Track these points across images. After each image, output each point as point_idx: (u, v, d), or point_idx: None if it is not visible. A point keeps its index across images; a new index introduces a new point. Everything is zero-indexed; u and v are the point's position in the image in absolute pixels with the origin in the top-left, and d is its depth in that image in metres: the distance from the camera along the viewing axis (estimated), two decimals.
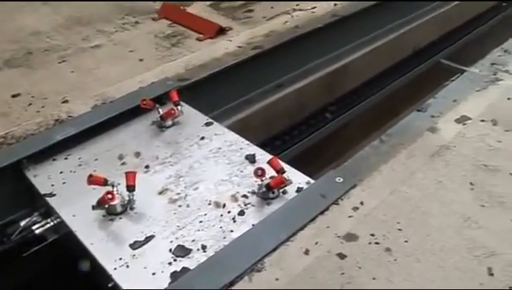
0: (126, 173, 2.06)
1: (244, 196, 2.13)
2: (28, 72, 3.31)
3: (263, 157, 2.31)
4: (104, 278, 1.85)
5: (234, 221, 2.02)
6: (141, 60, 3.36)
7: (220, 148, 2.45)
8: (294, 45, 3.54)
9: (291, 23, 3.71)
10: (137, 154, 2.46)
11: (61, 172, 2.37)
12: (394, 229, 1.89)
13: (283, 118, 3.60)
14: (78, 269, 2.08)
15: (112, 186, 2.06)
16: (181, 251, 1.89)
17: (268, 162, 2.09)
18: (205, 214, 2.06)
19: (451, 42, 5.15)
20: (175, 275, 1.79)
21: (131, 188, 2.05)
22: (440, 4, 4.79)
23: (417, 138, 2.36)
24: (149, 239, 1.96)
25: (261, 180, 2.07)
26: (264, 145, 3.01)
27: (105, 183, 2.06)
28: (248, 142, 2.48)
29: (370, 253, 1.80)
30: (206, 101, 2.95)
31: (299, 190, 2.11)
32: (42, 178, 2.35)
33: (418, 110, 2.57)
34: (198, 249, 1.90)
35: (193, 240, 1.94)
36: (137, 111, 2.67)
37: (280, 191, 2.10)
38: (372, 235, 1.86)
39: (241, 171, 2.29)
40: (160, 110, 2.61)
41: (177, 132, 2.60)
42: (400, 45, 4.42)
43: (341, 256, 1.79)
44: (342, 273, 1.73)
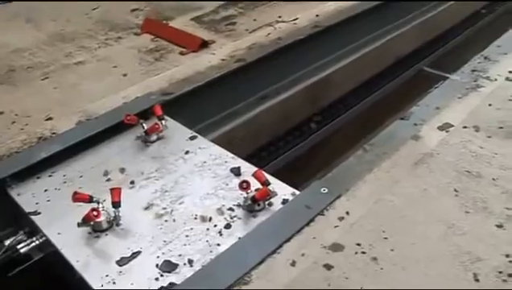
0: (111, 189, 2.06)
1: (230, 209, 2.13)
2: (11, 90, 3.30)
3: (249, 170, 2.31)
4: None
5: (221, 234, 2.01)
6: (124, 75, 3.36)
7: (205, 162, 2.45)
8: (277, 57, 3.56)
9: (274, 35, 3.73)
10: (122, 170, 2.45)
11: (46, 190, 2.36)
12: (380, 237, 1.89)
13: (268, 130, 3.60)
14: (65, 287, 2.06)
15: (97, 203, 2.05)
16: (168, 266, 1.88)
17: (253, 174, 2.10)
18: (191, 228, 2.05)
19: (433, 49, 5.20)
20: None
21: (116, 205, 2.04)
22: (422, 12, 4.85)
23: (400, 146, 2.37)
24: (135, 255, 1.95)
25: (246, 193, 2.07)
26: (250, 157, 3.01)
27: (90, 200, 2.05)
28: (233, 155, 2.48)
29: (357, 263, 1.80)
30: (190, 115, 2.95)
31: (285, 202, 2.11)
32: (26, 196, 2.33)
33: (401, 119, 2.59)
34: (185, 263, 1.89)
35: (180, 255, 1.93)
36: (121, 127, 2.65)
37: (266, 203, 2.09)
38: (358, 245, 1.87)
39: (226, 184, 2.29)
40: (144, 125, 2.60)
41: (162, 147, 2.59)
42: (383, 54, 4.45)
43: (328, 267, 1.79)
44: (329, 284, 1.73)
